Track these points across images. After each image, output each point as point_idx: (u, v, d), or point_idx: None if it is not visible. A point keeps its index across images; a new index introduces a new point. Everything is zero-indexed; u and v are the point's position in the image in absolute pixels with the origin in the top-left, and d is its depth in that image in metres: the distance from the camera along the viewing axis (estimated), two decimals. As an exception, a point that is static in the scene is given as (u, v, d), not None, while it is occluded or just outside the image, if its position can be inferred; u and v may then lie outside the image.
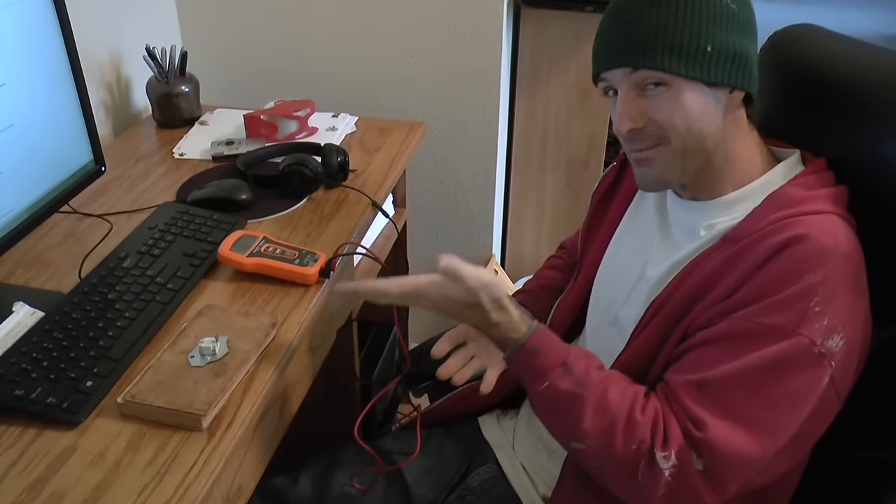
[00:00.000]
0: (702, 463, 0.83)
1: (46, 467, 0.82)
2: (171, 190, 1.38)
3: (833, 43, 1.02)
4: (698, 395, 0.85)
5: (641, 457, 0.85)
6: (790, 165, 0.94)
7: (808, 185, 0.90)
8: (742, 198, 0.92)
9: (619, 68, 0.89)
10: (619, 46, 0.88)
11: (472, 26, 1.78)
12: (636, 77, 0.88)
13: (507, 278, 2.12)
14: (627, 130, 0.89)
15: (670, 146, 0.89)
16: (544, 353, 0.90)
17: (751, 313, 0.83)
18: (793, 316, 0.81)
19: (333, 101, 1.88)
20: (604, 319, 1.07)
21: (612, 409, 0.87)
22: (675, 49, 0.85)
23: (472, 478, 1.13)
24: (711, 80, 0.86)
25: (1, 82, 1.03)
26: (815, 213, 0.85)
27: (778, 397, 0.83)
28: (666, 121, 0.88)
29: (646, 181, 0.95)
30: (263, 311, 1.06)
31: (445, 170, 1.98)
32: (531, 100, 1.97)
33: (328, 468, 1.15)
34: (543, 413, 0.94)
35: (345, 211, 1.32)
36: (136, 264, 1.10)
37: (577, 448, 0.90)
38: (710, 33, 0.85)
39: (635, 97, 0.89)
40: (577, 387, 0.88)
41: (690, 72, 0.85)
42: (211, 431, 0.87)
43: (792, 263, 0.82)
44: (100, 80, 1.62)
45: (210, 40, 1.93)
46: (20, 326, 0.98)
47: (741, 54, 0.87)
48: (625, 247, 1.07)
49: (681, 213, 0.98)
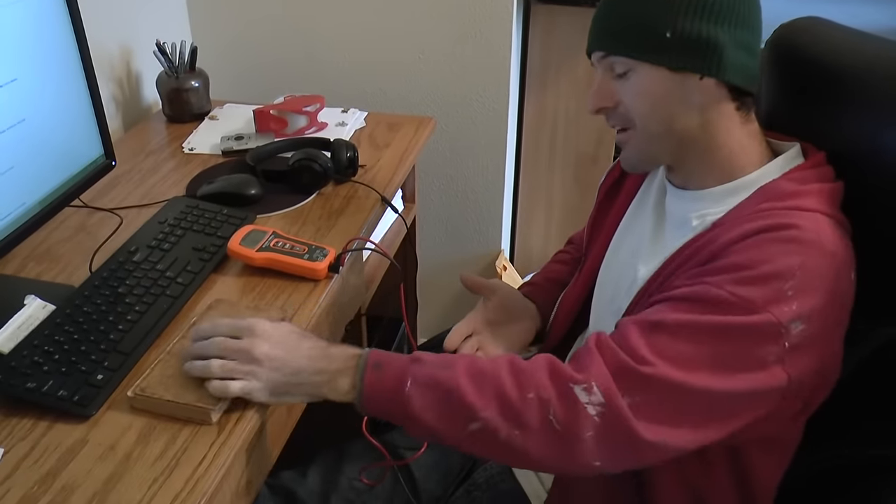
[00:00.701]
0: (629, 398, 0.79)
1: (58, 460, 0.83)
2: (180, 184, 1.39)
3: (839, 35, 1.01)
4: (648, 334, 0.82)
5: (547, 403, 0.80)
6: (789, 159, 0.93)
7: (802, 179, 0.89)
8: (733, 190, 0.92)
9: (594, 53, 0.94)
10: (593, 32, 0.94)
11: (481, 22, 1.77)
12: (607, 62, 0.92)
13: (515, 274, 2.12)
14: (593, 109, 0.95)
15: (636, 131, 0.93)
16: (388, 363, 0.86)
17: (724, 281, 0.82)
18: (765, 293, 0.80)
19: (343, 97, 1.88)
20: (607, 313, 1.07)
21: (488, 369, 0.83)
22: (636, 35, 0.88)
23: (478, 473, 1.13)
24: (674, 66, 0.88)
25: (13, 77, 1.03)
26: (802, 210, 0.85)
27: (728, 360, 0.80)
28: (630, 104, 0.91)
29: (625, 162, 0.99)
30: (273, 305, 1.06)
31: (455, 165, 1.97)
32: (541, 95, 1.97)
33: (336, 462, 1.15)
34: (423, 413, 0.83)
35: (354, 206, 1.32)
36: (147, 258, 1.11)
37: (476, 430, 0.82)
38: (672, 20, 0.86)
39: (610, 80, 0.92)
40: (440, 368, 0.84)
41: (651, 58, 0.88)
42: (221, 425, 0.87)
43: (773, 244, 0.82)
44: (110, 75, 1.63)
45: (220, 35, 1.93)
46: (32, 319, 0.99)
47: (708, 40, 0.87)
48: (626, 241, 1.07)
49: (676, 202, 0.99)
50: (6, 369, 0.90)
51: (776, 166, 0.92)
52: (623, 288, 1.02)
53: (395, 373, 0.85)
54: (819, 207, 0.86)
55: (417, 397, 0.83)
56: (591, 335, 0.87)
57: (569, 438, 0.80)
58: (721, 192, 0.93)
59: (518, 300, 1.20)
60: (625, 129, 0.95)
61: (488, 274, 2.09)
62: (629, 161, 0.98)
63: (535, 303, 1.21)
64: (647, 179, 1.08)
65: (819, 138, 0.95)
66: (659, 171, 1.05)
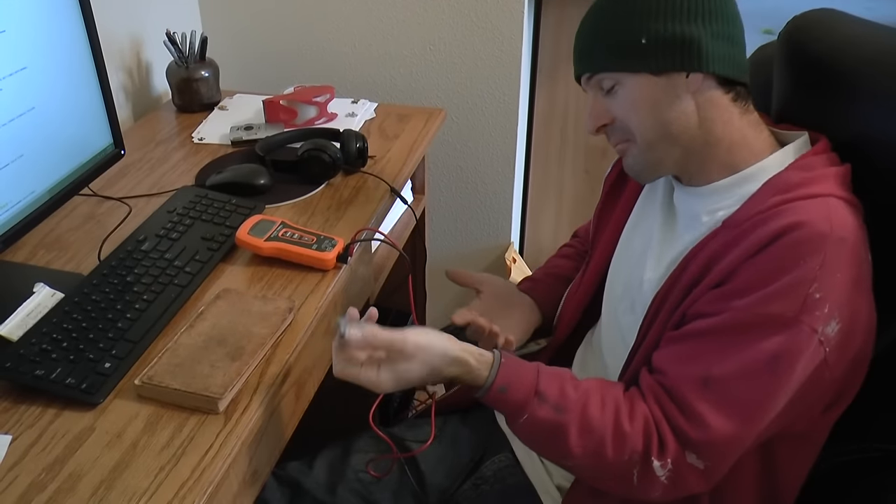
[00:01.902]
0: (702, 463, 0.85)
1: (65, 447, 0.83)
2: (189, 174, 1.38)
3: (852, 27, 1.00)
4: (703, 392, 0.85)
5: (635, 464, 0.86)
6: (797, 148, 0.93)
7: (808, 167, 0.89)
8: (739, 182, 0.91)
9: (581, 76, 0.96)
10: (575, 57, 0.96)
11: (493, 13, 1.76)
12: (593, 81, 0.93)
13: (525, 267, 2.11)
14: (593, 129, 0.95)
15: (635, 142, 0.93)
16: (514, 388, 0.89)
17: (751, 303, 0.83)
18: (793, 303, 0.81)
19: (353, 88, 1.88)
20: (620, 310, 1.06)
21: (597, 426, 0.87)
22: (612, 49, 0.90)
23: (486, 466, 1.13)
24: (656, 70, 0.88)
25: (23, 66, 1.03)
26: (811, 197, 0.85)
27: (778, 387, 0.83)
28: (624, 117, 0.92)
29: (630, 171, 0.98)
30: (281, 295, 1.06)
31: (465, 157, 1.97)
32: (551, 87, 1.96)
33: (343, 454, 1.15)
34: (528, 442, 0.95)
35: (363, 197, 1.31)
36: (155, 247, 1.11)
37: (568, 465, 0.93)
38: (644, 25, 0.87)
39: (602, 98, 0.93)
40: (556, 412, 0.88)
41: (630, 67, 0.89)
42: (227, 415, 0.87)
43: (788, 251, 0.82)
44: (120, 64, 1.63)
45: (230, 26, 1.93)
46: (41, 307, 0.99)
47: (683, 37, 0.87)
48: (636, 238, 1.07)
49: (685, 199, 0.98)
50: (15, 357, 0.90)
51: (783, 155, 0.92)
52: (635, 286, 1.02)
53: (516, 402, 0.89)
54: (828, 191, 0.86)
55: (527, 428, 0.90)
56: (649, 394, 0.89)
57: (640, 490, 0.88)
58: (727, 184, 0.92)
59: (509, 289, 1.21)
60: (625, 141, 0.95)
61: (498, 266, 2.09)
62: (633, 171, 0.98)
63: (534, 298, 1.20)
64: None
65: (832, 131, 0.94)
66: None
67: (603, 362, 1.08)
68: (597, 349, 1.11)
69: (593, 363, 1.11)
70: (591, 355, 1.13)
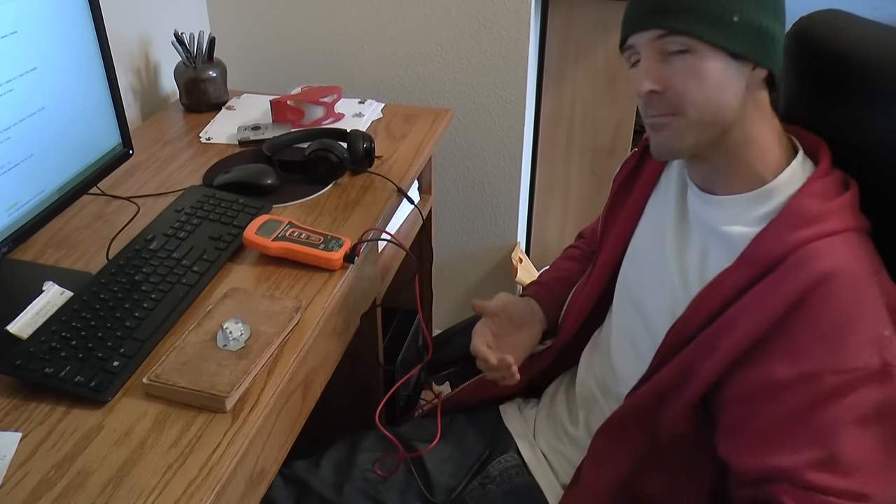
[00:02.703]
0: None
1: (74, 445, 0.83)
2: (197, 174, 1.39)
3: (860, 28, 0.99)
4: (843, 473, 0.80)
5: None
6: (803, 165, 0.92)
7: (824, 194, 0.87)
8: (757, 199, 0.90)
9: (646, 31, 0.88)
10: (648, 9, 0.88)
11: (500, 13, 1.77)
12: (661, 42, 0.87)
13: (531, 267, 2.11)
14: (647, 91, 0.88)
15: (686, 117, 0.88)
16: None
17: (828, 366, 0.80)
18: (870, 353, 0.80)
19: (360, 88, 1.89)
20: (631, 314, 1.06)
21: None
22: (702, 14, 0.84)
23: (493, 466, 1.13)
24: (735, 52, 0.85)
25: (33, 66, 1.04)
26: (831, 234, 0.84)
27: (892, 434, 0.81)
28: (684, 88, 0.87)
29: (659, 149, 0.93)
30: (288, 295, 1.07)
31: (471, 157, 1.97)
32: (558, 87, 1.96)
33: (350, 454, 1.16)
34: None
35: (370, 197, 1.32)
36: (163, 247, 1.12)
37: None
38: (739, 4, 0.85)
39: (658, 62, 0.88)
40: None
41: (715, 38, 0.84)
42: (235, 413, 0.87)
43: (837, 303, 0.81)
44: (129, 64, 1.63)
45: (238, 26, 1.93)
46: (50, 305, 1.00)
47: (767, 31, 0.86)
48: (648, 240, 1.06)
49: (700, 206, 0.97)
50: (25, 354, 0.91)
51: (794, 175, 0.90)
52: (648, 291, 1.01)
53: None
54: (847, 225, 0.85)
55: None
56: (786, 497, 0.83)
57: None
58: (746, 200, 0.91)
59: (523, 310, 1.20)
60: (670, 115, 0.89)
61: (504, 265, 2.09)
62: (664, 147, 0.92)
63: (539, 303, 1.20)
64: (664, 173, 1.07)
65: (839, 133, 0.94)
66: (674, 165, 1.03)
67: (611, 364, 1.07)
68: (604, 350, 1.11)
69: (600, 364, 1.11)
70: (598, 356, 1.13)
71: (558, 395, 1.18)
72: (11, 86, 1.01)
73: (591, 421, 1.09)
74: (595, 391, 1.10)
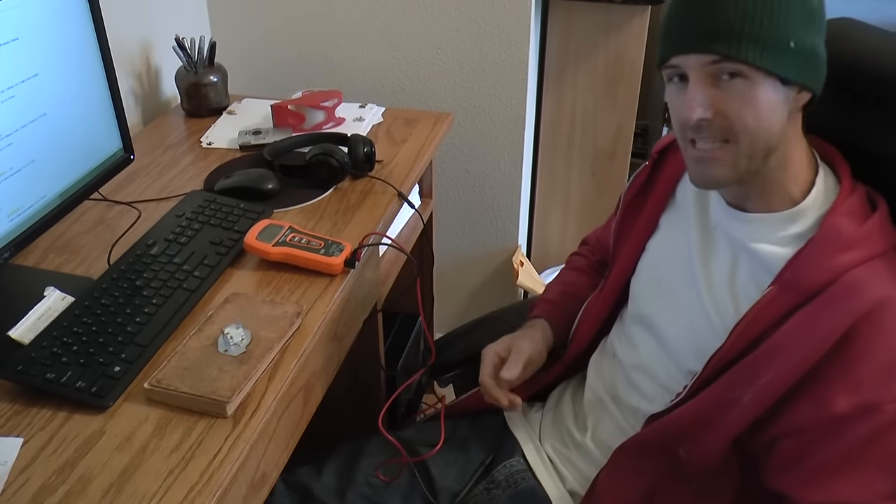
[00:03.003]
0: None
1: (75, 450, 0.83)
2: (198, 178, 1.39)
3: (873, 37, 0.99)
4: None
5: None
6: (823, 178, 0.91)
7: (855, 214, 0.86)
8: (790, 219, 0.89)
9: (698, 55, 0.83)
10: (699, 32, 0.82)
11: (500, 17, 1.77)
12: (715, 66, 0.82)
13: (532, 270, 2.11)
14: (698, 119, 0.84)
15: (738, 144, 0.85)
16: None
17: (888, 396, 0.80)
18: None
19: (361, 92, 1.89)
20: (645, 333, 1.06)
21: None
22: (758, 39, 0.80)
23: (498, 471, 1.13)
24: (788, 78, 0.82)
25: (34, 73, 1.04)
26: (872, 259, 0.83)
27: None
28: (736, 115, 0.83)
29: (703, 180, 0.90)
30: (289, 299, 1.07)
31: (472, 160, 1.97)
32: (559, 91, 1.96)
33: (352, 459, 1.15)
34: None
35: (371, 201, 1.32)
36: (164, 252, 1.12)
37: None
38: (794, 28, 0.81)
39: (708, 86, 0.83)
40: None
41: (772, 66, 0.81)
42: (236, 418, 0.87)
43: (893, 331, 0.80)
44: (130, 69, 1.64)
45: (239, 30, 1.94)
46: (51, 311, 1.00)
47: (817, 54, 0.84)
48: (668, 248, 1.05)
49: (727, 220, 0.95)
50: (26, 360, 0.91)
51: (821, 193, 0.89)
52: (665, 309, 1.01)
53: None
54: (887, 245, 0.85)
55: None
56: None
57: None
58: (777, 219, 0.90)
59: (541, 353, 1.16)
60: (724, 142, 0.85)
61: (506, 269, 2.09)
62: (714, 178, 0.88)
63: (550, 324, 1.18)
64: (679, 187, 1.05)
65: (856, 140, 0.93)
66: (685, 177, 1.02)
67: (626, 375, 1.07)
68: (611, 356, 1.11)
69: (610, 371, 1.11)
70: (606, 362, 1.12)
71: (564, 399, 1.18)
72: (13, 92, 1.01)
73: (599, 428, 1.08)
74: (604, 398, 1.09)
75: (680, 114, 0.87)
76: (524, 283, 2.00)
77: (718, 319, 0.93)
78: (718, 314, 0.93)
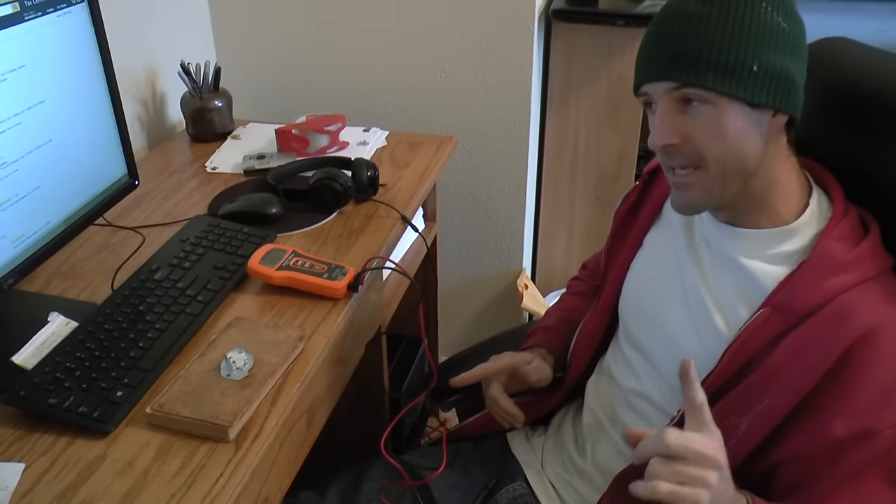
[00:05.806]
0: None
1: (77, 475, 0.83)
2: (202, 203, 1.40)
3: (865, 57, 0.99)
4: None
5: None
6: (816, 200, 0.91)
7: (848, 237, 0.86)
8: (783, 236, 0.89)
9: (662, 82, 0.85)
10: (662, 60, 0.85)
11: (503, 41, 1.78)
12: (678, 93, 0.84)
13: (537, 293, 2.11)
14: (663, 145, 0.86)
15: (708, 171, 0.86)
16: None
17: (886, 421, 0.80)
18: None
19: (364, 116, 1.90)
20: (628, 344, 1.06)
21: None
22: (721, 66, 0.81)
23: (500, 495, 1.12)
24: (755, 101, 0.83)
25: (40, 100, 1.05)
26: (866, 281, 0.83)
27: None
28: (704, 142, 0.84)
29: (682, 205, 0.92)
30: (292, 324, 1.07)
31: (476, 183, 1.98)
32: (562, 113, 1.97)
33: (355, 482, 1.15)
34: None
35: (374, 225, 1.32)
36: (168, 276, 1.12)
37: None
38: (758, 52, 0.81)
39: (675, 112, 0.85)
40: None
41: (735, 91, 0.82)
42: (238, 443, 0.87)
43: (887, 355, 0.80)
44: (135, 94, 1.65)
45: (243, 55, 1.96)
46: (55, 336, 1.00)
47: (787, 75, 0.84)
48: (649, 267, 1.06)
49: (715, 234, 0.95)
50: (29, 385, 0.91)
51: (814, 214, 0.90)
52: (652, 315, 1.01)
53: None
54: (879, 268, 0.85)
55: None
56: None
57: None
58: (768, 235, 0.90)
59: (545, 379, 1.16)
60: (694, 168, 0.87)
61: (510, 292, 2.09)
62: (692, 203, 0.90)
63: (549, 350, 1.18)
64: (666, 206, 1.06)
65: (848, 161, 0.93)
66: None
67: (623, 397, 1.06)
68: (608, 377, 1.11)
69: (607, 392, 1.10)
70: (604, 383, 1.12)
71: (565, 423, 1.17)
72: (19, 119, 1.02)
73: (597, 451, 1.08)
74: (603, 420, 1.09)
75: (651, 139, 0.88)
76: (529, 305, 2.00)
77: (708, 339, 0.93)
78: (707, 333, 0.93)
